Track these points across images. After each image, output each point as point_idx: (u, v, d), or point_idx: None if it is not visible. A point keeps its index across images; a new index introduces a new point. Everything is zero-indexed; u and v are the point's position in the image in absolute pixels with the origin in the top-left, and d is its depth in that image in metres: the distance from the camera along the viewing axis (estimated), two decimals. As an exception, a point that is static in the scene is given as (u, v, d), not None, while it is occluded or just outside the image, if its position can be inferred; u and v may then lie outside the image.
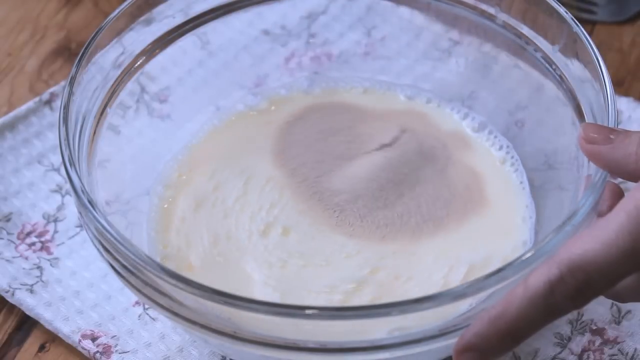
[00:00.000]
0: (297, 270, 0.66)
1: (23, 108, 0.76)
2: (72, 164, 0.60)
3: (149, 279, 0.57)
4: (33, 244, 0.71)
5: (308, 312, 0.54)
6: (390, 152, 0.71)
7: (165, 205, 0.69)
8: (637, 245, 0.51)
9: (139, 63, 0.70)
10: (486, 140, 0.73)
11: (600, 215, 0.58)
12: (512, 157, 0.71)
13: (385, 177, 0.70)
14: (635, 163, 0.56)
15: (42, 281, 0.69)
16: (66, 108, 0.62)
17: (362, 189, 0.69)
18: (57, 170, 0.74)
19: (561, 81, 0.67)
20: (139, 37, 0.70)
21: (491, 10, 0.70)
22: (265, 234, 0.68)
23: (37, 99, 0.77)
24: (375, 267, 0.66)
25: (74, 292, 0.68)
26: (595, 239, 0.52)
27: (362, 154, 0.71)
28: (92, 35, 0.66)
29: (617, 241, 0.51)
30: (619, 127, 0.60)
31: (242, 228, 0.68)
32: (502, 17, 0.70)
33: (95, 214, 0.58)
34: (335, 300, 0.64)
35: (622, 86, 0.78)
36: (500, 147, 0.72)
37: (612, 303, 0.66)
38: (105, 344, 0.66)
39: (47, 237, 0.71)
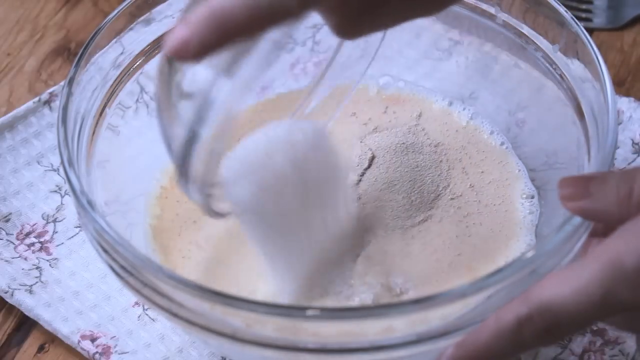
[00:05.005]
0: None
1: (22, 108, 0.76)
2: (70, 164, 0.60)
3: (147, 279, 0.57)
4: (32, 244, 0.70)
5: (308, 312, 0.54)
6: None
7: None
8: (608, 296, 0.51)
9: (138, 63, 0.70)
10: (501, 146, 0.72)
11: (594, 234, 0.58)
12: (518, 164, 0.71)
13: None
14: (618, 213, 0.55)
15: (42, 282, 0.69)
16: (65, 109, 0.62)
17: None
18: (57, 170, 0.74)
19: (562, 81, 0.67)
20: (139, 37, 0.69)
21: (491, 9, 0.70)
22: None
23: (36, 99, 0.76)
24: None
25: (74, 292, 0.68)
26: (567, 283, 0.52)
27: None
28: (91, 35, 0.66)
29: (587, 290, 0.51)
30: (619, 126, 0.59)
31: None
32: (502, 16, 0.70)
33: (94, 215, 0.58)
34: None
35: (623, 86, 0.78)
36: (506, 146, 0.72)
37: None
38: (104, 344, 0.66)
39: (47, 237, 0.71)
